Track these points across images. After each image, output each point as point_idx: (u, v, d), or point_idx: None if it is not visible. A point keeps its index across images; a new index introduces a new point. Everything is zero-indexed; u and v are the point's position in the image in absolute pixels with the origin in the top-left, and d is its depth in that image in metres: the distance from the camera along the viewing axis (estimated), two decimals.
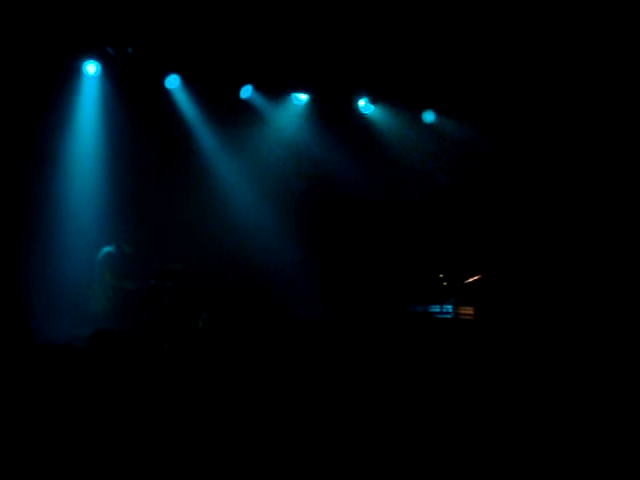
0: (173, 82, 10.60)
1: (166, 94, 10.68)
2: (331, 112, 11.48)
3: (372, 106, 11.63)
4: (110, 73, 10.26)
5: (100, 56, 10.12)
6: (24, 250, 9.85)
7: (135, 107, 10.37)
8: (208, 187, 10.98)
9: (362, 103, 11.62)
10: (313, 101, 11.41)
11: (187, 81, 10.68)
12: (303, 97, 11.37)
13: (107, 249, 9.93)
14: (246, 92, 11.00)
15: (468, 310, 10.16)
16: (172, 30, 9.91)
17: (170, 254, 10.43)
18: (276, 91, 11.19)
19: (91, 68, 10.17)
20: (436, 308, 10.24)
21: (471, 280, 10.36)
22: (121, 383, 4.45)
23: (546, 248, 11.15)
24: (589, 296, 9.82)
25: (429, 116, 11.65)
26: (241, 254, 11.13)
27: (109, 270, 9.91)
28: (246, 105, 11.10)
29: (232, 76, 10.80)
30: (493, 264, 10.73)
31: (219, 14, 9.81)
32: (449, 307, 10.19)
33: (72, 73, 10.15)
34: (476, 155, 11.73)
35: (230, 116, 10.97)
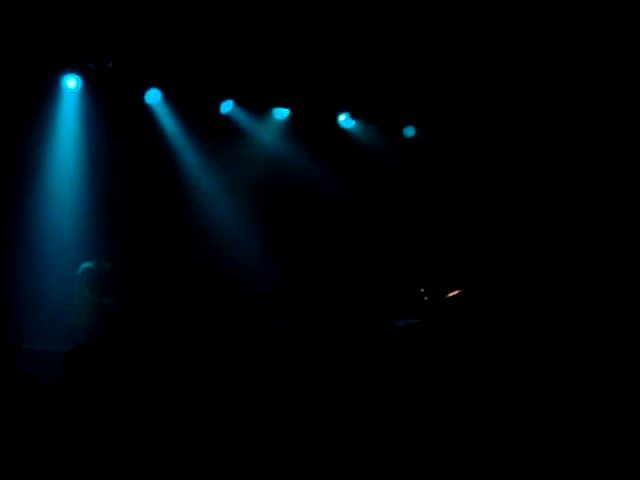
0: (154, 97, 10.54)
1: (147, 109, 10.66)
2: (312, 127, 11.50)
3: (353, 121, 11.60)
4: (90, 88, 10.21)
5: (80, 70, 10.06)
6: (3, 264, 9.76)
7: (116, 122, 10.36)
8: (189, 202, 10.96)
9: (342, 118, 11.64)
10: (294, 115, 11.42)
11: (168, 96, 10.63)
12: (284, 112, 11.39)
13: (86, 265, 9.83)
14: (227, 107, 10.98)
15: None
16: (153, 45, 9.91)
17: (150, 270, 10.40)
18: (257, 106, 11.19)
19: (71, 82, 10.11)
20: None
21: (452, 294, 10.44)
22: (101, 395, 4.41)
23: (530, 257, 11.21)
24: (579, 308, 9.87)
25: (409, 131, 11.64)
26: (221, 268, 11.08)
27: (88, 286, 9.80)
28: (227, 120, 11.09)
29: (213, 91, 10.79)
30: (475, 277, 10.78)
31: (200, 29, 9.80)
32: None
33: (52, 88, 10.09)
34: (455, 166, 11.82)
35: (211, 131, 10.96)
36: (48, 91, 10.09)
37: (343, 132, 11.74)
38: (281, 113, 11.41)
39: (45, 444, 3.94)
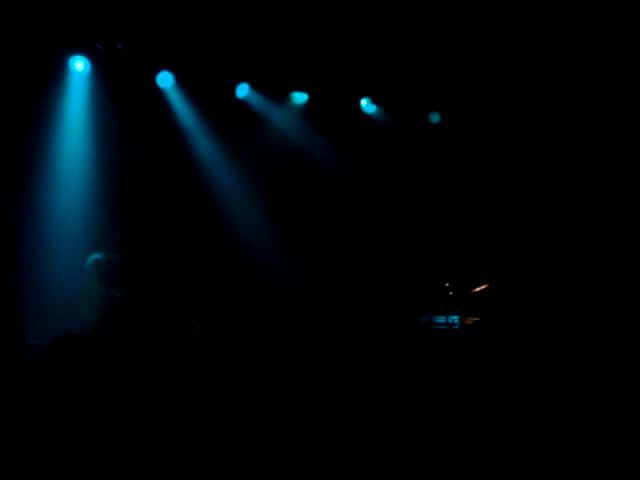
0: (166, 80, 10.13)
1: (158, 92, 10.26)
2: (332, 112, 11.04)
3: (374, 106, 11.10)
4: (99, 70, 9.86)
5: (89, 52, 9.72)
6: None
7: (126, 106, 9.97)
8: (202, 190, 10.53)
9: (364, 103, 11.17)
10: (313, 100, 10.98)
11: (180, 79, 10.25)
12: (302, 96, 10.94)
13: (95, 256, 9.42)
14: (242, 91, 10.49)
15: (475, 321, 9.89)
16: (165, 25, 9.49)
17: (162, 262, 10.01)
18: (274, 90, 10.75)
19: (79, 65, 9.77)
20: (442, 319, 9.99)
21: (478, 289, 10.06)
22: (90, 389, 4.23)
23: (556, 253, 10.79)
24: (599, 303, 9.70)
25: (435, 117, 11.18)
26: (236, 261, 10.71)
27: (96, 278, 9.38)
28: (243, 104, 10.66)
29: (228, 74, 10.40)
30: (502, 272, 10.37)
31: (214, 9, 9.39)
32: (455, 318, 9.91)
33: (59, 70, 9.75)
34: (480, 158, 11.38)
35: (225, 116, 10.54)
36: (55, 74, 9.74)
37: (365, 117, 11.26)
38: (300, 98, 10.96)
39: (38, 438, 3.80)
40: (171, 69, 10.13)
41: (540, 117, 10.83)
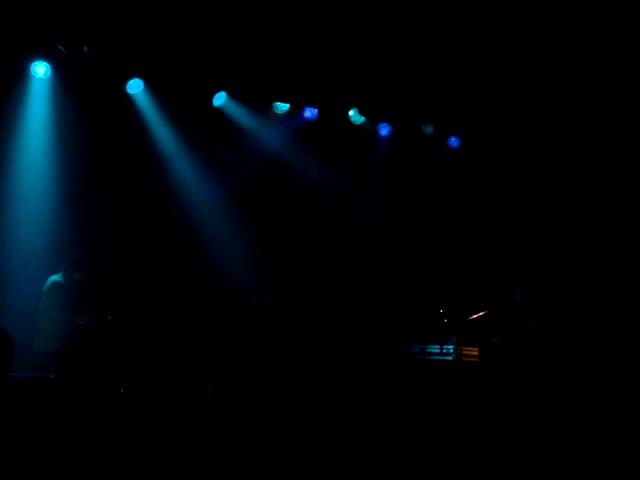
0: (135, 87, 9.41)
1: (127, 99, 9.59)
2: (317, 123, 10.45)
3: (362, 117, 10.43)
4: (62, 75, 9.21)
5: (50, 56, 9.05)
6: None
7: (91, 114, 9.41)
8: (173, 203, 9.88)
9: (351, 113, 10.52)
10: (293, 111, 10.35)
11: (151, 85, 9.60)
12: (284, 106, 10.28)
13: (54, 277, 8.66)
14: (220, 99, 9.80)
15: (472, 351, 9.26)
16: (135, 27, 8.90)
17: (129, 283, 9.32)
18: (254, 99, 10.11)
19: (40, 69, 9.13)
20: (435, 348, 9.38)
21: (476, 316, 9.47)
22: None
23: (556, 278, 10.34)
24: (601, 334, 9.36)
25: (428, 129, 10.64)
26: (211, 279, 10.04)
27: (58, 302, 8.60)
28: (220, 114, 10.01)
29: (204, 81, 9.73)
30: (501, 297, 9.68)
31: (190, 9, 8.82)
32: (450, 347, 9.29)
33: (19, 74, 9.11)
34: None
35: (201, 125, 9.93)
36: (14, 78, 9.09)
37: (353, 129, 10.62)
38: (281, 108, 10.28)
39: None
40: (141, 75, 9.49)
41: (542, 133, 10.46)
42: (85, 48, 8.99)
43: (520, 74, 9.67)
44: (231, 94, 9.91)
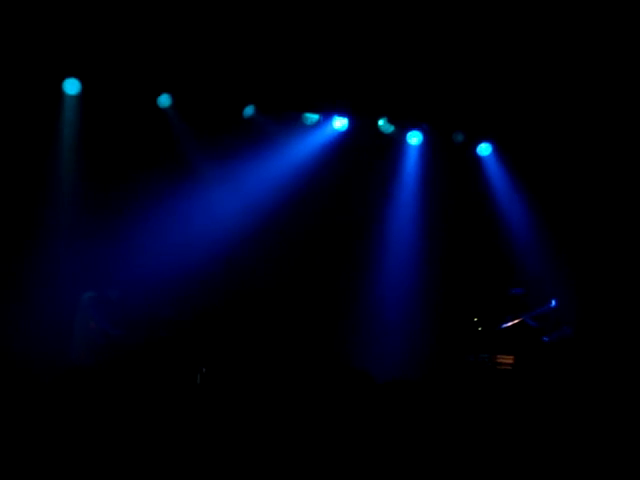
0: (165, 101, 9.47)
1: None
2: (349, 134, 10.34)
3: (392, 126, 10.32)
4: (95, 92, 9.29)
5: (83, 74, 9.16)
6: None
7: (124, 128, 9.44)
8: (206, 222, 9.74)
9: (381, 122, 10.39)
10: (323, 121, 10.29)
11: (180, 100, 9.65)
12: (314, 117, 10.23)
13: (89, 294, 8.65)
14: (249, 111, 9.83)
15: (507, 359, 9.14)
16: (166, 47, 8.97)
17: (162, 299, 9.22)
18: (282, 111, 10.05)
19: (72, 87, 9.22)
20: (469, 357, 9.38)
21: (511, 324, 9.30)
22: None
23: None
24: None
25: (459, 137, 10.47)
26: (245, 296, 9.99)
27: (92, 317, 8.61)
28: (249, 125, 9.97)
29: (233, 94, 9.70)
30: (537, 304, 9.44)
31: (216, 26, 8.84)
32: (485, 355, 9.24)
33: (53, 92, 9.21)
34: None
35: (231, 137, 9.81)
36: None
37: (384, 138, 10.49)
38: (311, 119, 10.21)
39: None
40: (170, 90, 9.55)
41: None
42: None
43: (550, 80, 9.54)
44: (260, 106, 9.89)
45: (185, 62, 9.17)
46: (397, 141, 10.54)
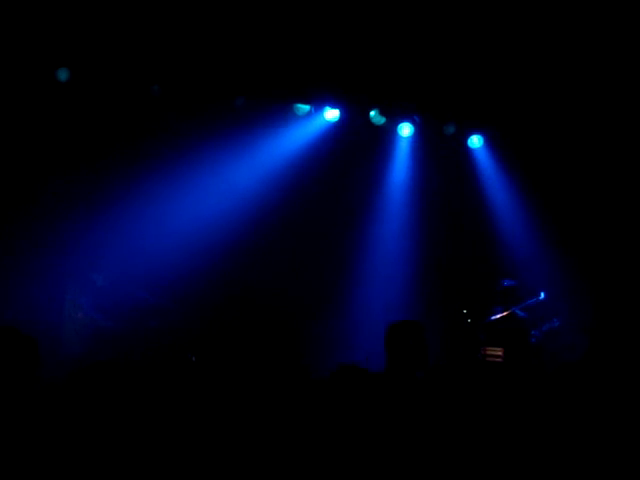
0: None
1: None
2: (340, 125, 10.31)
3: (383, 117, 10.29)
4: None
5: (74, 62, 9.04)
6: None
7: (115, 117, 9.40)
8: (197, 208, 9.67)
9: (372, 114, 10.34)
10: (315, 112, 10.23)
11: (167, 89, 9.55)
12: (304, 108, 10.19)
13: (77, 282, 8.61)
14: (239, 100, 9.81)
15: (496, 351, 9.09)
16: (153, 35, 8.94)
17: (153, 286, 9.13)
18: (272, 101, 9.99)
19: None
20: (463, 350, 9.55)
21: (500, 316, 9.31)
22: None
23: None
24: None
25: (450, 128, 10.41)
26: (237, 284, 9.95)
27: (81, 306, 8.55)
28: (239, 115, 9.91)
29: (223, 84, 9.63)
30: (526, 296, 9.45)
31: (206, 14, 8.81)
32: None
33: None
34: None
35: (220, 126, 9.78)
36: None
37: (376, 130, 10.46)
38: (302, 110, 10.17)
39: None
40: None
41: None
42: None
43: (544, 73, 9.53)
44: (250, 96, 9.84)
45: (172, 50, 9.09)
46: (388, 133, 10.49)
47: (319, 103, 10.16)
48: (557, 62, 9.29)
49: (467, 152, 10.67)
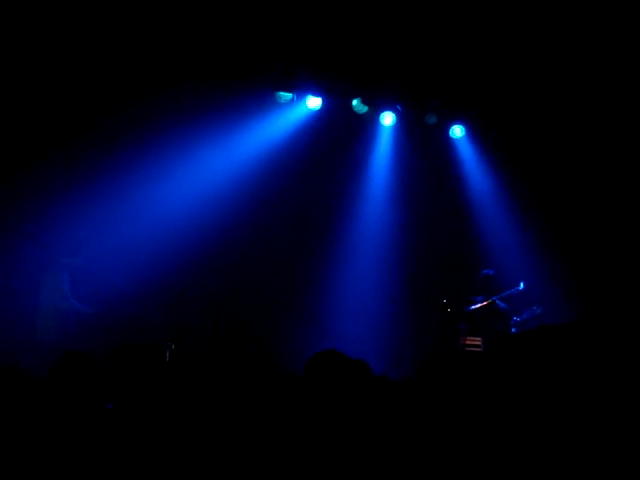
0: None
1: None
2: (323, 113, 10.27)
3: (366, 106, 10.24)
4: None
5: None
6: None
7: (91, 103, 9.27)
8: (175, 195, 9.59)
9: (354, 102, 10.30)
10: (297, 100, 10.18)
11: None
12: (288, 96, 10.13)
13: (54, 267, 8.49)
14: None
15: (475, 341, 9.10)
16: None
17: (130, 272, 9.03)
18: (255, 89, 9.92)
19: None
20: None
21: (479, 305, 9.28)
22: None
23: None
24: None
25: (432, 118, 10.37)
26: (215, 272, 9.80)
27: (57, 292, 8.45)
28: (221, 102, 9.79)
29: (205, 71, 9.52)
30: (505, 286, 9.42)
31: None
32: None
33: None
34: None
35: (201, 114, 9.65)
36: None
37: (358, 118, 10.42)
38: (285, 98, 10.12)
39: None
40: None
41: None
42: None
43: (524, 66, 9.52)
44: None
45: (152, 35, 8.96)
46: (370, 121, 10.46)
47: (301, 91, 10.10)
48: (538, 53, 9.27)
49: (449, 142, 10.66)
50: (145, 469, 3.63)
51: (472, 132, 10.61)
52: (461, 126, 10.54)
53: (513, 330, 9.21)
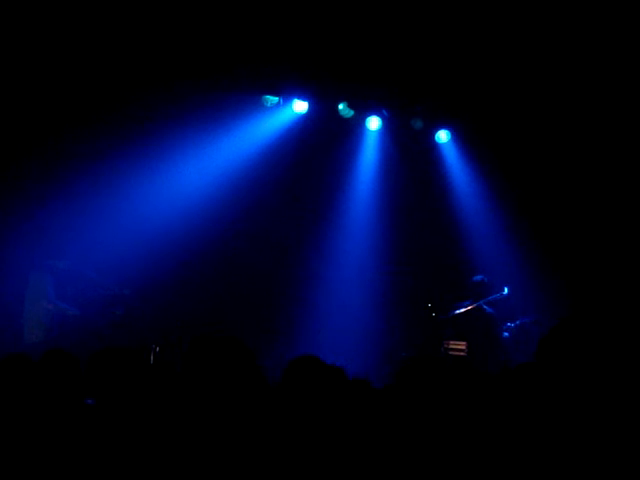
0: None
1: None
2: (309, 117, 10.31)
3: (352, 111, 10.29)
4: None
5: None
6: None
7: (79, 103, 9.23)
8: (160, 197, 9.60)
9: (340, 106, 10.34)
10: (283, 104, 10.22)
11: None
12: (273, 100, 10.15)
13: (39, 268, 8.48)
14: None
15: (459, 345, 9.12)
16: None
17: (116, 274, 9.01)
18: (241, 92, 9.95)
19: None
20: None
21: (464, 310, 9.29)
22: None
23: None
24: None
25: (418, 123, 10.43)
26: (202, 274, 9.87)
27: (47, 296, 8.45)
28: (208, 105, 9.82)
29: (193, 74, 9.48)
30: (489, 290, 9.46)
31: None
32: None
33: None
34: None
35: (188, 117, 9.71)
36: None
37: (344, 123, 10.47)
38: (271, 101, 10.15)
39: None
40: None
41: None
42: None
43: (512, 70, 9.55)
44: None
45: (139, 37, 8.88)
46: (356, 126, 10.50)
47: (288, 95, 10.13)
48: (524, 58, 9.30)
49: (435, 147, 10.70)
50: (121, 468, 3.63)
51: (458, 137, 10.65)
52: (447, 131, 10.58)
53: (505, 335, 9.26)
